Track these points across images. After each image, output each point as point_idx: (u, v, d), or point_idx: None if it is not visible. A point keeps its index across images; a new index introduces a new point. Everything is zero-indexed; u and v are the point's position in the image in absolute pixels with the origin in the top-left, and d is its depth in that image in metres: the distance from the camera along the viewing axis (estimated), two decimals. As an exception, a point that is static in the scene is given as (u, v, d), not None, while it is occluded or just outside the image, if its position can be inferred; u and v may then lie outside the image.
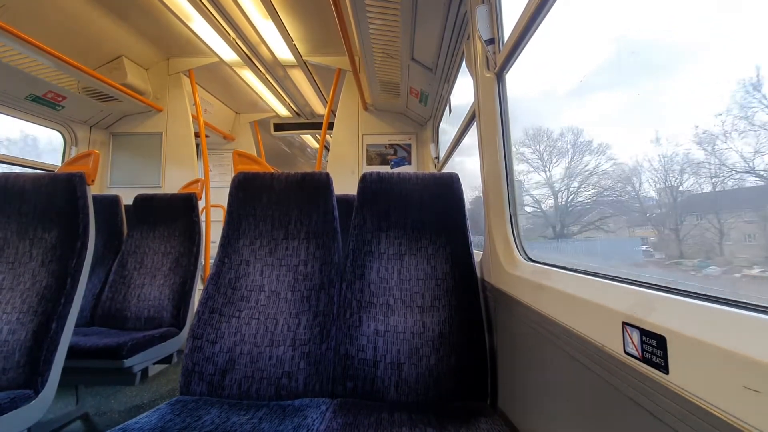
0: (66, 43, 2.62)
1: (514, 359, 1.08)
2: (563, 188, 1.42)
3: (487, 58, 1.37)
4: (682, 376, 0.46)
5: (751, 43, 0.64)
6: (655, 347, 0.51)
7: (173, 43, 3.21)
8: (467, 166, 2.79)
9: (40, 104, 2.83)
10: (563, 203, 1.43)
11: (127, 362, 1.66)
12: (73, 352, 1.49)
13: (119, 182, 3.50)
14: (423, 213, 1.41)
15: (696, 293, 0.54)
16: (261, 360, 1.21)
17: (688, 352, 0.46)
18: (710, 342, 0.43)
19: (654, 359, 0.50)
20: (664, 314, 0.52)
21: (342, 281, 1.34)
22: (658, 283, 0.62)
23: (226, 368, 1.20)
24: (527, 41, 1.14)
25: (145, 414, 1.02)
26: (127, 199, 2.46)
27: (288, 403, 1.13)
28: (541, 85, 1.47)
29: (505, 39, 1.26)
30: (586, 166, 1.25)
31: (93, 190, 1.55)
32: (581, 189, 1.32)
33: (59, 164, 3.24)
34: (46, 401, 1.25)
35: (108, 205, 2.38)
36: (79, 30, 2.66)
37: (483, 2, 1.41)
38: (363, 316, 1.27)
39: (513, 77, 1.31)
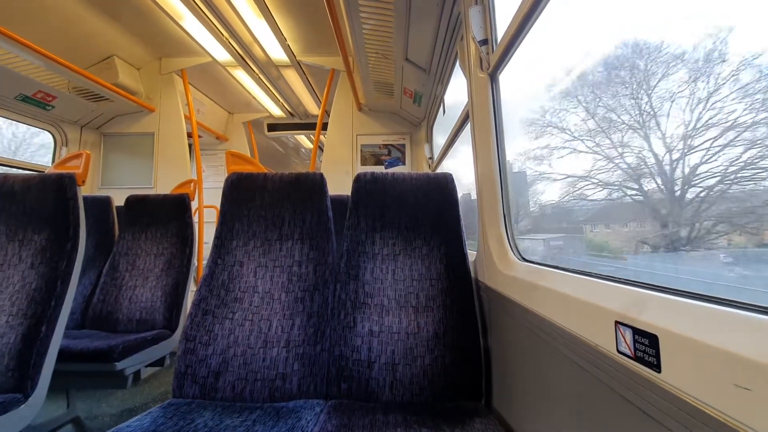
0: (56, 43, 2.59)
1: (509, 359, 1.08)
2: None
3: (481, 59, 1.38)
4: (674, 374, 0.46)
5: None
6: (647, 346, 0.51)
7: (165, 43, 3.18)
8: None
9: (30, 104, 2.79)
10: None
11: (119, 365, 1.64)
12: (63, 355, 1.47)
13: (111, 183, 3.47)
14: (417, 213, 1.41)
15: (688, 292, 0.54)
16: (255, 362, 1.20)
17: (679, 350, 0.46)
18: (702, 340, 0.43)
19: (646, 358, 0.51)
20: (656, 313, 0.52)
21: (336, 282, 1.33)
22: (650, 282, 0.62)
23: (219, 370, 1.19)
24: (520, 42, 1.15)
25: (136, 417, 1.01)
26: (119, 200, 2.43)
27: (282, 405, 1.12)
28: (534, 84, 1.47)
29: (499, 40, 1.27)
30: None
31: (84, 191, 1.53)
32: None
33: (49, 165, 3.20)
34: (36, 405, 1.23)
35: (99, 206, 2.35)
36: (70, 29, 2.63)
37: (476, 3, 1.41)
38: (357, 317, 1.26)
39: (506, 77, 1.32)
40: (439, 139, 2.97)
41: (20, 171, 2.93)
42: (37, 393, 1.23)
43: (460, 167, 2.51)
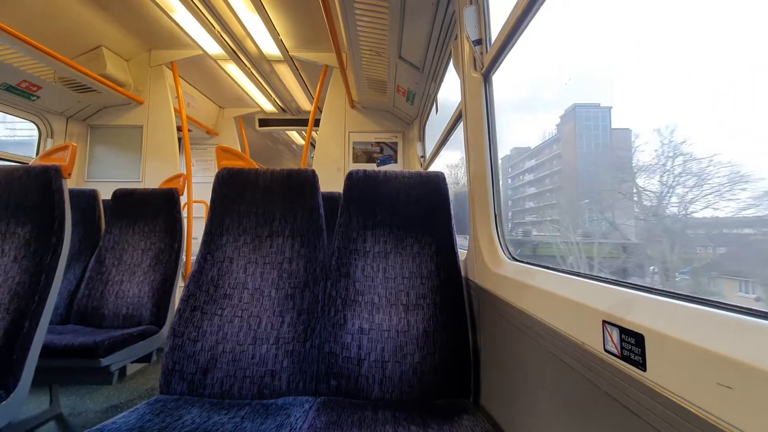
0: (42, 31, 2.52)
1: (497, 357, 1.09)
2: None
3: (475, 59, 1.38)
4: (658, 373, 0.47)
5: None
6: (633, 345, 0.52)
7: (155, 35, 3.12)
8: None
9: (14, 94, 2.72)
10: None
11: (104, 361, 1.61)
12: (47, 351, 1.44)
13: (97, 176, 3.40)
14: (409, 211, 1.41)
15: (673, 293, 0.55)
16: (244, 358, 1.19)
17: (664, 349, 0.47)
18: (686, 340, 0.44)
19: (632, 357, 0.52)
20: (642, 313, 0.53)
21: (327, 279, 1.33)
22: (637, 282, 0.64)
23: (207, 367, 1.18)
24: (514, 43, 1.15)
25: (122, 414, 1.00)
26: (106, 193, 2.39)
27: (271, 402, 1.12)
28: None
29: (493, 40, 1.27)
30: None
31: (70, 184, 1.50)
32: None
33: (33, 156, 3.13)
34: (18, 402, 1.20)
35: (85, 199, 2.30)
36: (57, 18, 2.56)
37: (471, 3, 1.42)
38: (348, 314, 1.26)
39: (499, 78, 1.32)
40: (432, 138, 2.98)
41: (3, 162, 2.86)
42: (20, 389, 1.20)
43: (445, 169, 2.52)
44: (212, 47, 2.98)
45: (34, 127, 3.14)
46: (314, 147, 3.70)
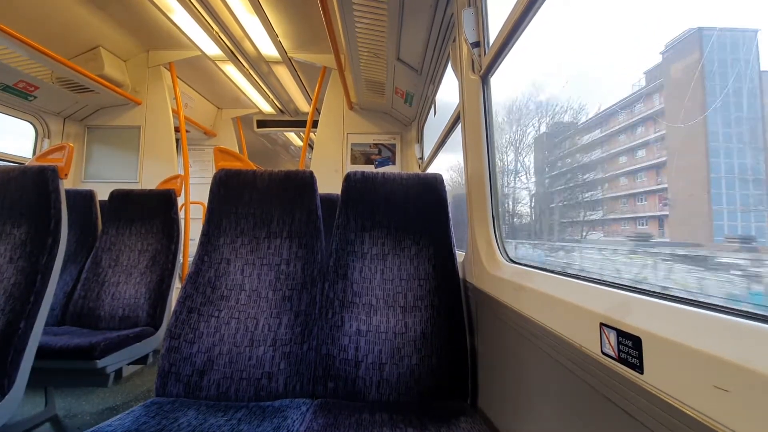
0: (40, 31, 2.52)
1: (495, 359, 1.09)
2: None
3: (473, 61, 1.38)
4: (656, 376, 0.48)
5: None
6: (630, 348, 0.52)
7: (153, 35, 3.12)
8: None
9: (10, 94, 2.71)
10: None
11: (100, 363, 1.60)
12: (42, 352, 1.43)
13: (94, 177, 3.39)
14: (407, 213, 1.41)
15: (671, 296, 0.55)
16: (240, 360, 1.18)
17: (662, 352, 0.47)
18: (683, 343, 0.44)
19: (630, 359, 0.52)
20: (640, 316, 0.53)
21: (324, 281, 1.33)
22: (634, 285, 0.64)
23: (204, 369, 1.17)
24: (512, 45, 1.16)
25: (118, 416, 0.99)
26: (103, 194, 2.38)
27: (267, 404, 1.11)
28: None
29: (491, 42, 1.28)
30: None
31: (66, 185, 1.49)
32: None
33: (30, 157, 3.12)
34: (13, 404, 1.19)
35: (82, 199, 2.30)
36: (54, 18, 2.56)
37: (469, 5, 1.42)
38: (345, 316, 1.26)
39: (497, 80, 1.33)
40: (430, 140, 2.98)
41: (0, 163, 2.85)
42: (15, 391, 1.19)
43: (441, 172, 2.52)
44: (210, 48, 2.98)
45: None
46: (312, 148, 3.70)
